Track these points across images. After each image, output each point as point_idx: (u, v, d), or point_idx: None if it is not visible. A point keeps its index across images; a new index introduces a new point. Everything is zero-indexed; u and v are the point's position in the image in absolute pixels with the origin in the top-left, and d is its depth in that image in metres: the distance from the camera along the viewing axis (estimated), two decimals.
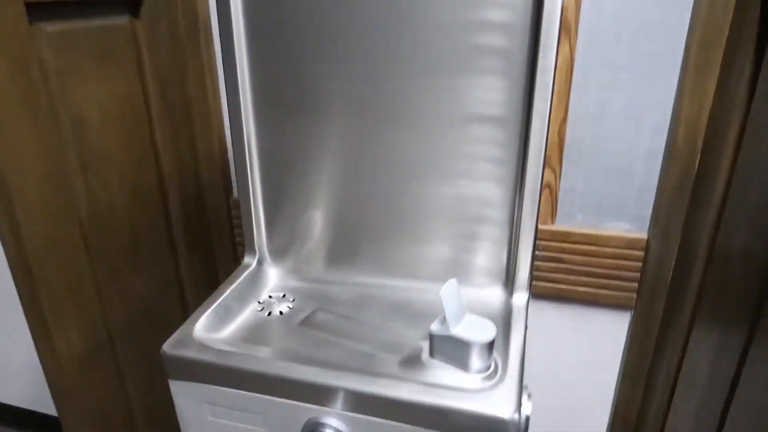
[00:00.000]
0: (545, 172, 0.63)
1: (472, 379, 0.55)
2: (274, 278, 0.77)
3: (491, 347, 0.55)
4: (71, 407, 0.74)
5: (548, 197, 0.83)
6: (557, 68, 0.67)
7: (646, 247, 0.80)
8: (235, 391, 0.60)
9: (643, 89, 0.74)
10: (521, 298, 0.67)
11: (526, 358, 0.60)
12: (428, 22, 0.60)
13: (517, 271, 0.67)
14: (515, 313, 0.65)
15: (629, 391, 0.89)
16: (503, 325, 0.63)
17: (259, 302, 0.72)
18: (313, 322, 0.68)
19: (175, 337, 0.63)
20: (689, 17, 0.69)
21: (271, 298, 0.73)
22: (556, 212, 0.83)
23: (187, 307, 0.94)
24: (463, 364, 0.55)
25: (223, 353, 0.61)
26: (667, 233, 0.77)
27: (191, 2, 0.83)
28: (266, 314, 0.70)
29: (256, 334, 0.66)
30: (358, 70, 0.64)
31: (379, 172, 0.69)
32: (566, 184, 0.82)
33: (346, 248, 0.75)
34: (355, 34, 0.63)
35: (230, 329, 0.67)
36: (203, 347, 0.61)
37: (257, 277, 0.76)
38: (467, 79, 0.61)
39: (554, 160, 0.80)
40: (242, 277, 0.74)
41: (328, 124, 0.68)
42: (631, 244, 0.81)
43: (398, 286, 0.73)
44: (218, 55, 0.90)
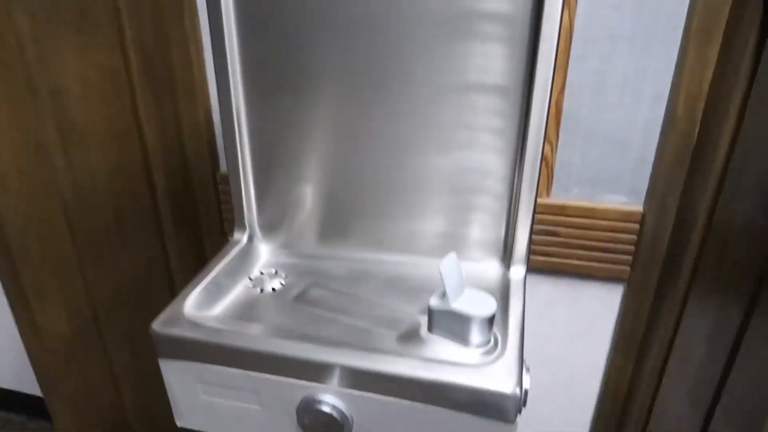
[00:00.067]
0: None
1: (472, 353, 0.54)
2: (265, 254, 0.75)
3: (491, 322, 0.54)
4: (57, 388, 0.73)
5: (544, 170, 0.82)
6: None
7: (641, 219, 0.79)
8: (228, 369, 0.59)
9: (642, 59, 0.73)
10: (519, 271, 0.66)
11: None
12: None
13: (514, 244, 0.66)
14: (513, 286, 0.64)
15: (621, 362, 0.89)
16: (501, 299, 0.62)
17: (250, 279, 0.71)
18: (307, 298, 0.66)
19: (164, 315, 0.61)
20: None
21: (262, 274, 0.72)
22: (551, 185, 0.82)
23: (174, 284, 0.92)
24: (462, 338, 0.54)
25: (215, 331, 0.59)
26: (663, 205, 0.76)
27: None
28: (258, 291, 0.68)
29: (248, 311, 0.65)
30: (351, 37, 0.62)
31: (373, 143, 0.67)
32: (563, 156, 0.81)
33: (339, 222, 0.73)
34: None
35: (222, 306, 0.65)
36: (194, 325, 0.60)
37: (248, 253, 0.74)
38: (466, 45, 0.59)
39: (551, 132, 0.79)
40: (232, 253, 0.72)
41: (320, 93, 0.66)
42: (626, 216, 0.80)
43: (393, 260, 0.72)
44: (203, 24, 0.86)
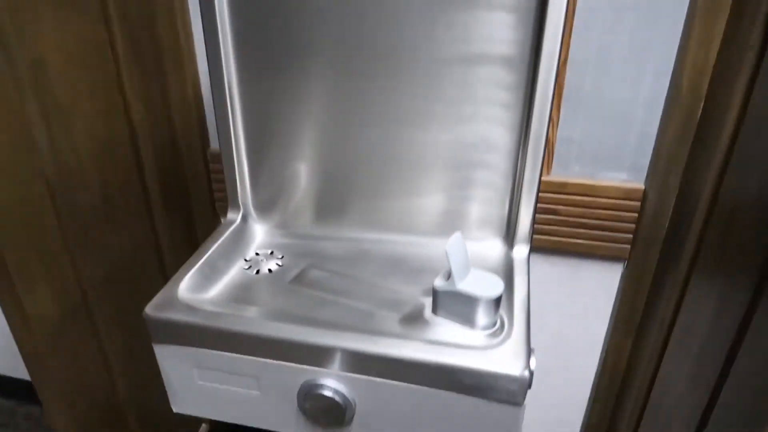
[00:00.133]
0: None
1: (477, 336, 0.53)
2: (260, 234, 0.73)
3: (498, 303, 0.53)
4: (46, 374, 0.70)
5: None
6: None
7: (642, 197, 0.78)
8: (225, 354, 0.57)
9: (647, 32, 0.70)
10: (522, 251, 0.65)
11: None
12: None
13: (518, 222, 0.64)
14: (517, 266, 0.62)
15: (619, 340, 0.89)
16: (505, 279, 0.61)
17: (245, 260, 0.68)
18: (305, 279, 0.64)
19: (158, 298, 0.59)
20: None
21: (258, 255, 0.69)
22: (551, 162, 0.81)
23: (165, 266, 0.89)
24: (468, 320, 0.53)
25: (211, 314, 0.57)
26: (665, 182, 0.75)
27: None
28: (254, 272, 0.66)
29: (245, 293, 0.63)
30: (349, 6, 0.59)
31: (371, 118, 0.64)
32: (563, 132, 0.79)
33: (336, 201, 0.71)
34: None
35: (217, 289, 0.63)
36: (190, 309, 0.57)
37: (242, 233, 0.72)
38: (469, 14, 0.56)
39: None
40: (226, 233, 0.70)
41: (316, 66, 0.63)
42: (627, 194, 0.79)
43: (393, 240, 0.70)
44: None
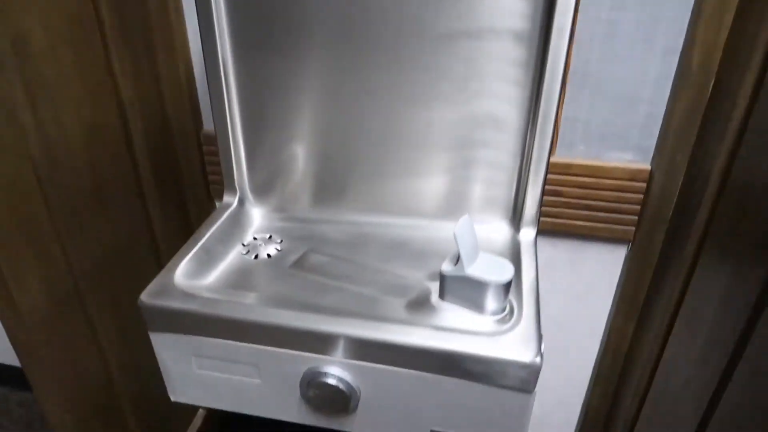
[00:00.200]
0: None
1: (487, 321, 0.51)
2: (257, 218, 0.71)
3: (508, 287, 0.51)
4: (38, 364, 0.68)
5: None
6: None
7: (648, 177, 0.77)
8: (224, 342, 0.55)
9: (655, 7, 0.68)
10: (529, 234, 0.63)
11: None
12: None
13: (525, 204, 0.62)
14: (524, 249, 0.61)
15: (622, 323, 0.88)
16: (512, 263, 0.59)
17: (243, 245, 0.66)
18: (305, 264, 0.62)
19: (153, 285, 0.56)
20: None
21: (256, 239, 0.67)
22: (556, 142, 0.79)
23: (159, 252, 0.87)
24: (477, 306, 0.51)
25: (209, 301, 0.55)
26: (672, 163, 0.73)
27: None
28: (252, 257, 0.64)
29: (243, 279, 0.61)
30: None
31: (372, 96, 0.62)
32: (568, 112, 0.77)
33: (336, 183, 0.68)
34: None
35: (214, 275, 0.61)
36: (187, 296, 0.55)
37: (239, 217, 0.69)
38: None
39: None
40: (223, 218, 0.68)
41: (315, 42, 0.60)
42: (633, 175, 0.77)
43: (394, 223, 0.68)
44: None
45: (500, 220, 0.65)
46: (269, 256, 0.64)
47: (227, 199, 0.70)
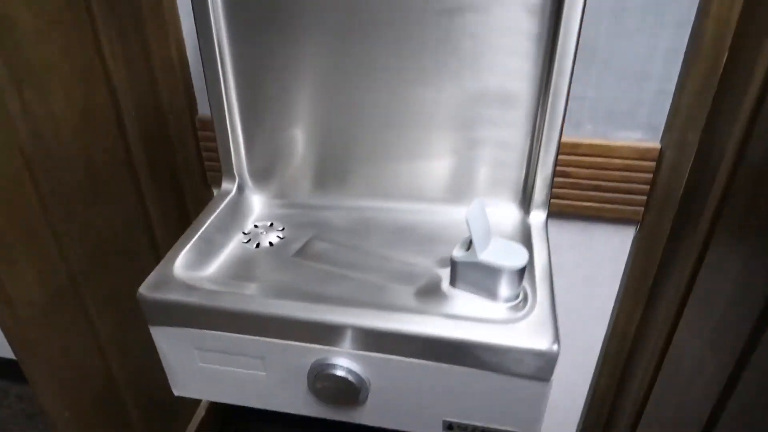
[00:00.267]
0: None
1: (500, 308, 0.50)
2: (258, 205, 0.68)
3: (522, 273, 0.49)
4: (36, 359, 0.66)
5: None
6: None
7: (658, 156, 0.75)
8: (228, 334, 0.53)
9: None
10: (539, 216, 0.61)
11: None
12: None
13: (534, 186, 0.60)
14: (535, 233, 0.59)
15: (630, 306, 0.87)
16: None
17: (244, 233, 0.64)
18: (309, 252, 0.60)
19: (152, 277, 0.54)
20: None
21: (257, 227, 0.65)
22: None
23: (156, 241, 0.84)
24: (490, 293, 0.50)
25: (211, 293, 0.53)
26: (683, 140, 0.71)
27: None
28: (254, 246, 0.62)
29: (245, 269, 0.59)
30: None
31: (376, 76, 0.59)
32: (575, 89, 0.74)
33: (338, 168, 0.66)
34: None
35: (215, 265, 0.59)
36: (187, 288, 0.53)
37: (238, 205, 0.67)
38: None
39: None
40: (222, 206, 0.65)
41: (313, 20, 0.57)
42: (642, 154, 0.75)
43: (399, 208, 0.66)
44: None
45: (509, 202, 0.63)
46: (271, 244, 0.62)
47: (226, 186, 0.67)
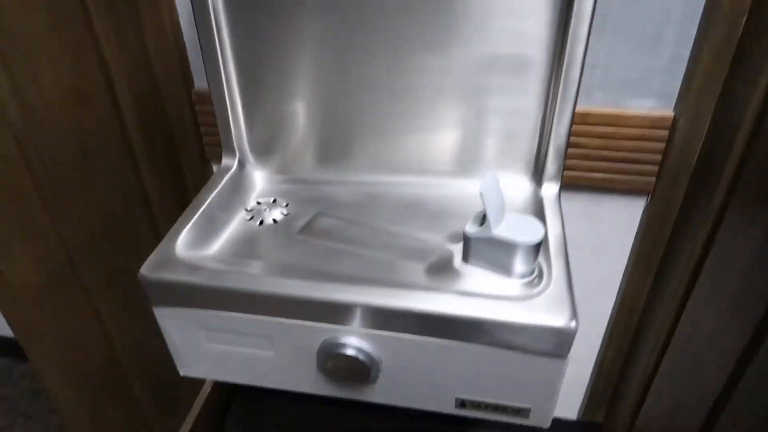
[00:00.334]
0: None
1: (515, 285, 0.48)
2: (260, 181, 0.66)
3: (538, 249, 0.47)
4: (37, 342, 0.65)
5: None
6: None
7: (672, 125, 0.72)
8: (234, 314, 0.51)
9: None
10: (551, 189, 0.59)
11: None
12: None
13: (547, 157, 0.58)
14: (548, 206, 0.57)
15: (639, 277, 0.86)
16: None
17: (246, 210, 0.62)
18: (315, 229, 0.59)
19: (154, 257, 0.53)
20: None
21: (259, 204, 0.63)
22: None
23: (155, 220, 0.82)
24: (505, 269, 0.48)
25: (215, 273, 0.51)
26: (698, 108, 0.69)
27: None
28: (257, 223, 0.60)
29: (249, 247, 0.57)
30: None
31: (381, 45, 0.56)
32: (587, 56, 0.71)
33: (342, 141, 0.64)
34: None
35: (218, 244, 0.57)
36: (191, 267, 0.52)
37: (240, 180, 0.65)
38: None
39: None
40: (222, 182, 0.63)
41: None
42: (655, 123, 0.73)
43: (406, 182, 0.64)
44: None
45: (520, 174, 0.61)
46: (275, 221, 0.60)
47: (226, 161, 0.65)
